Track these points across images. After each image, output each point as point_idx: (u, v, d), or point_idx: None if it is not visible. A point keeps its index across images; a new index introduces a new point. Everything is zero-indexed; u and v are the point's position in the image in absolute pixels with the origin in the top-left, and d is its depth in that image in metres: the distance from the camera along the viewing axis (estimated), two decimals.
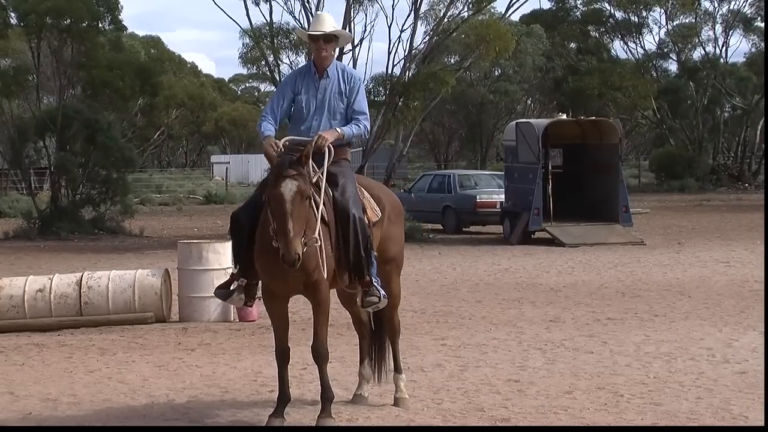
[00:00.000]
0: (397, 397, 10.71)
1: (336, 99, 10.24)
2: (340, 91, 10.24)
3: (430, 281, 22.97)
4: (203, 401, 11.36)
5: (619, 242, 31.12)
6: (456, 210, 37.34)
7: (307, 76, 10.36)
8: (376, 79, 39.93)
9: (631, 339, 14.93)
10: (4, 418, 10.80)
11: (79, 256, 29.62)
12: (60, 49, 40.71)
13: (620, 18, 68.48)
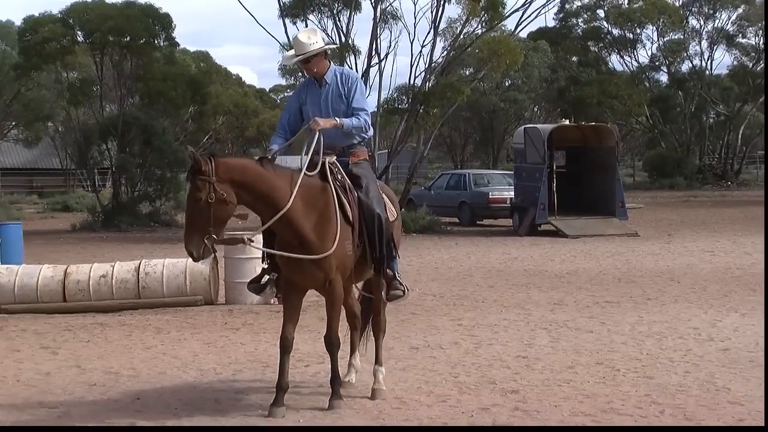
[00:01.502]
0: (374, 388, 10.10)
1: (336, 101, 9.91)
2: (339, 94, 9.92)
3: (447, 268, 22.97)
4: (246, 374, 11.38)
5: (615, 234, 31.09)
6: (471, 205, 37.38)
7: (310, 87, 10.13)
8: (400, 89, 39.97)
9: (627, 320, 14.90)
10: (73, 388, 10.84)
11: (137, 246, 29.71)
12: (120, 63, 40.91)
13: (617, 35, 68.34)
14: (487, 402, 9.80)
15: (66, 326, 15.17)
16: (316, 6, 38.31)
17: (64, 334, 14.50)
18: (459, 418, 9.17)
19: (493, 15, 37.56)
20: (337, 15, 37.98)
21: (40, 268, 17.29)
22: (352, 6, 37.84)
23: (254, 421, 9.22)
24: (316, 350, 12.70)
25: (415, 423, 9.04)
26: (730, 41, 68.32)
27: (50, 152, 72.16)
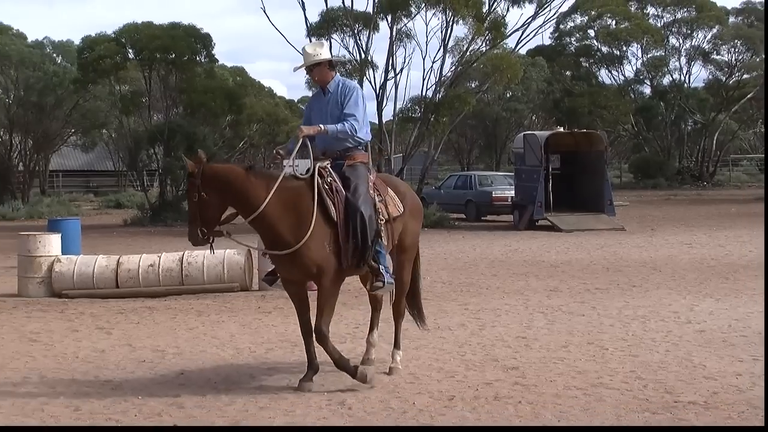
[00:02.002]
0: (391, 367, 10.08)
1: (335, 108, 9.70)
2: (337, 101, 9.71)
3: (455, 259, 22.96)
4: (277, 353, 11.39)
5: (604, 228, 31.03)
6: (476, 203, 37.37)
7: (317, 96, 10.09)
8: (413, 100, 40.01)
9: (614, 304, 14.87)
10: (125, 364, 10.87)
11: (181, 239, 29.57)
12: (166, 77, 41.04)
13: (605, 52, 68.23)
14: (490, 377, 9.80)
15: (118, 309, 15.21)
16: (339, 26, 38.35)
17: (116, 317, 14.54)
18: (465, 392, 9.17)
19: (496, 34, 37.60)
20: (357, 34, 38.03)
21: (96, 258, 17.34)
22: (371, 27, 37.87)
23: (285, 394, 9.22)
24: (339, 331, 12.71)
25: (426, 396, 9.03)
26: (706, 58, 68.27)
27: (104, 156, 72.32)
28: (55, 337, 12.77)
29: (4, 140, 51.76)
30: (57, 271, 16.98)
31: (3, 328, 13.58)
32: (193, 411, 8.65)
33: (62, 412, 8.68)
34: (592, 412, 8.40)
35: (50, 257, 17.15)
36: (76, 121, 53.51)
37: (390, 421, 8.23)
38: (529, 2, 37.97)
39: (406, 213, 10.08)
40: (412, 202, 10.36)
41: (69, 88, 47.32)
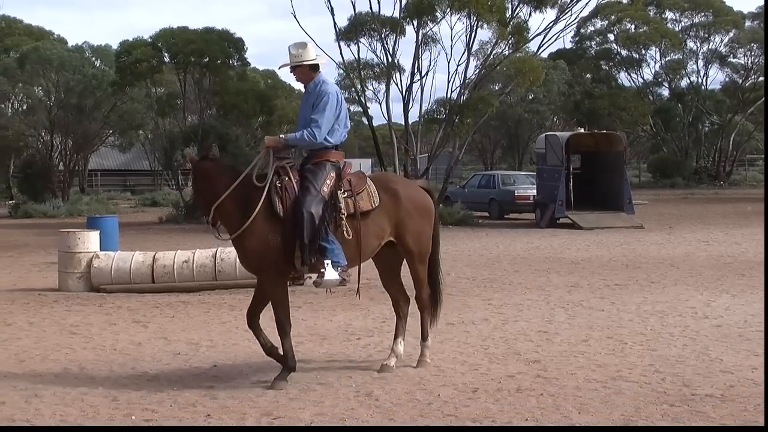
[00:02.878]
0: (420, 360, 10.05)
1: (308, 110, 9.66)
2: (311, 102, 9.66)
3: (479, 256, 22.93)
4: (307, 346, 11.41)
5: (623, 226, 30.94)
6: (499, 201, 37.33)
7: (304, 94, 10.06)
8: (438, 102, 39.98)
9: (633, 300, 14.83)
10: (161, 356, 10.91)
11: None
12: (200, 80, 41.13)
13: (625, 55, 68.09)
14: (513, 370, 9.78)
15: (154, 304, 15.27)
16: (367, 31, 38.31)
17: (152, 311, 14.60)
18: (489, 384, 9.16)
19: (519, 38, 37.45)
20: (384, 38, 37.97)
21: (133, 255, 17.41)
22: (398, 31, 37.81)
23: (314, 386, 9.24)
24: (366, 325, 12.74)
25: (450, 388, 9.03)
26: (723, 61, 68.05)
27: (141, 156, 72.59)
28: (94, 330, 12.84)
29: (45, 141, 52.00)
30: (96, 266, 17.07)
31: (44, 321, 13.68)
32: (226, 402, 8.67)
33: (101, 402, 8.72)
34: (612, 404, 8.38)
35: (89, 253, 17.24)
36: (113, 122, 53.71)
37: (415, 412, 8.23)
38: (551, 7, 37.79)
39: (400, 211, 9.82)
40: (412, 198, 10.01)
41: (107, 91, 47.49)
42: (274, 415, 8.19)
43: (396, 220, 9.86)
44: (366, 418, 8.08)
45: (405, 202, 9.92)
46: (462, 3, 35.30)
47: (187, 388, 9.24)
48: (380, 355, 10.61)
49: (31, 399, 8.85)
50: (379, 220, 9.76)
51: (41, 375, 9.92)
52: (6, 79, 50.17)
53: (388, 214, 9.80)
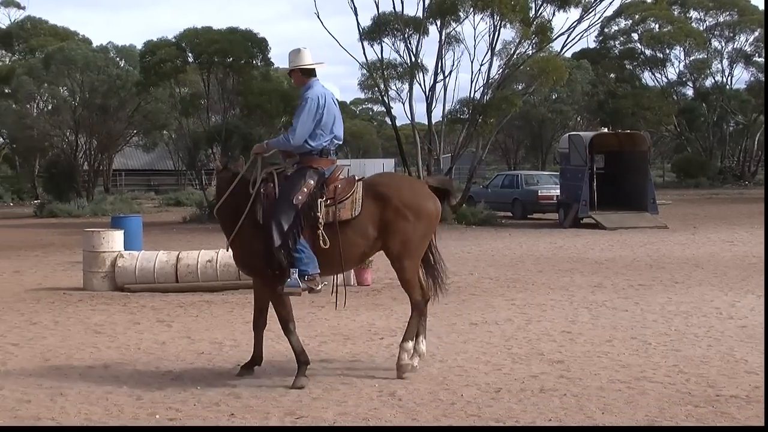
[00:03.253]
0: (398, 364, 9.61)
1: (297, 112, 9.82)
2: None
3: (502, 256, 22.89)
4: (330, 346, 11.41)
5: (647, 226, 30.85)
6: (522, 201, 37.31)
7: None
8: (462, 101, 39.92)
9: (657, 300, 14.77)
10: (185, 356, 10.95)
11: None
12: (224, 80, 41.25)
13: (649, 54, 67.92)
14: (536, 370, 9.76)
15: (178, 303, 15.32)
16: (391, 31, 38.37)
17: (176, 310, 14.64)
18: (512, 384, 9.14)
19: (542, 38, 37.43)
20: (408, 38, 38.02)
21: (157, 254, 17.46)
22: (421, 31, 37.84)
23: (337, 386, 9.24)
24: (389, 325, 12.74)
25: (474, 388, 9.02)
26: (748, 60, 67.81)
27: (165, 156, 72.84)
28: (118, 329, 12.89)
29: (70, 141, 52.27)
30: (120, 266, 17.13)
31: (69, 320, 13.74)
32: (249, 401, 8.69)
33: (125, 400, 8.75)
34: (636, 405, 8.35)
35: (113, 253, 17.31)
36: (137, 122, 53.94)
37: (438, 412, 8.22)
38: (575, 7, 37.74)
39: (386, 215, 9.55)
40: (405, 201, 9.63)
41: (131, 91, 47.70)
42: (297, 415, 8.20)
43: (382, 224, 9.60)
44: (389, 418, 8.08)
45: (394, 204, 9.61)
46: (485, 3, 35.31)
47: (210, 387, 9.26)
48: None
49: (56, 397, 8.89)
50: (363, 227, 9.57)
51: (66, 373, 9.97)
52: (32, 79, 50.45)
53: (372, 220, 9.58)
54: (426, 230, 9.79)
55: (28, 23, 65.34)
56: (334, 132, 9.76)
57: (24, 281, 18.90)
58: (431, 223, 9.84)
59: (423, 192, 9.91)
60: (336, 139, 9.80)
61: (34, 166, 61.82)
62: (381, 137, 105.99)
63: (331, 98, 9.86)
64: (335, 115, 9.79)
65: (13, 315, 14.32)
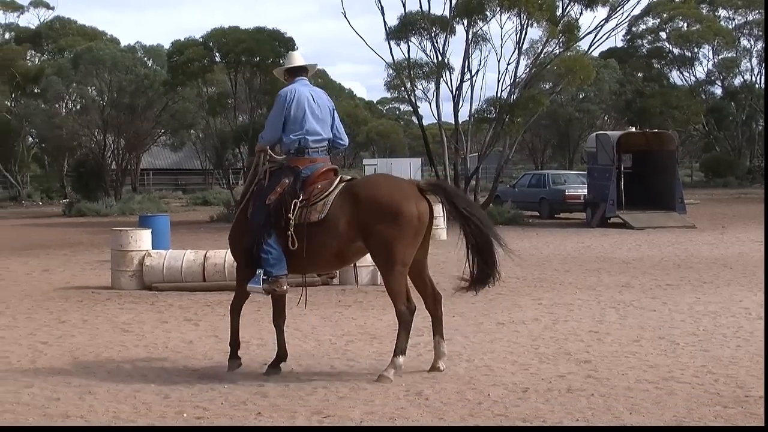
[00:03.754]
0: (381, 375, 9.38)
1: None
2: None
3: (529, 255, 22.81)
4: (357, 345, 11.43)
5: (675, 226, 30.72)
6: (550, 201, 37.22)
7: None
8: (488, 101, 39.84)
9: (685, 300, 14.71)
10: (212, 354, 10.99)
11: None
12: (251, 79, 41.28)
13: (677, 53, 67.60)
14: (563, 370, 9.74)
15: (205, 302, 15.37)
16: (417, 30, 38.30)
17: (204, 309, 14.69)
18: (539, 384, 9.12)
19: (570, 37, 37.28)
20: (435, 37, 37.95)
21: (184, 253, 17.53)
22: (448, 30, 37.78)
23: (365, 385, 9.25)
24: (416, 324, 12.69)
25: (500, 387, 9.00)
26: None
27: (192, 155, 73.07)
28: (146, 328, 12.95)
29: (98, 140, 52.52)
30: (147, 265, 17.21)
31: (98, 319, 13.81)
32: (276, 400, 8.71)
33: (153, 399, 8.79)
34: (664, 405, 8.31)
35: (141, 252, 17.38)
36: (165, 121, 54.15)
37: (465, 412, 8.21)
38: (602, 5, 37.56)
39: (356, 218, 9.35)
40: (376, 204, 9.35)
41: (159, 91, 47.89)
42: (324, 414, 8.21)
43: (360, 226, 9.37)
44: (416, 418, 8.07)
45: (369, 205, 9.36)
46: (512, 2, 35.20)
47: (237, 386, 9.29)
48: (430, 354, 10.58)
49: (84, 395, 8.94)
50: (334, 229, 9.41)
51: (95, 372, 10.03)
52: (60, 79, 50.73)
53: (349, 222, 9.37)
54: (407, 234, 9.32)
55: (57, 23, 65.71)
56: (304, 127, 9.73)
57: (53, 280, 19.02)
58: (412, 227, 9.34)
59: (404, 193, 9.47)
60: (309, 134, 9.74)
61: (63, 165, 62.17)
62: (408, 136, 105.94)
63: (305, 94, 9.88)
64: (305, 110, 9.76)
65: (42, 313, 14.42)
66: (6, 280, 19.19)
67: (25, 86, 59.30)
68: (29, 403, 8.70)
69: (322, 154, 9.87)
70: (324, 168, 9.79)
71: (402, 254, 9.34)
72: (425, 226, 9.52)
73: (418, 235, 9.46)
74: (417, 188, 9.62)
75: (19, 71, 58.93)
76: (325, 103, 10.05)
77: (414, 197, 9.45)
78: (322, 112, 9.91)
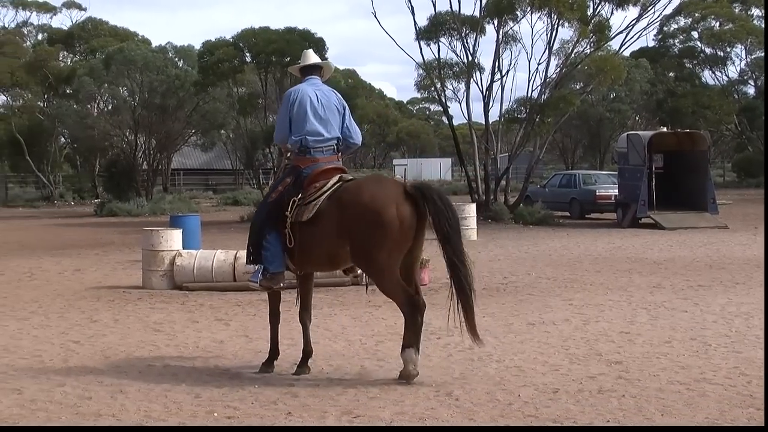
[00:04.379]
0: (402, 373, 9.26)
1: None
2: None
3: (560, 256, 22.78)
4: (387, 345, 11.42)
5: (707, 226, 30.57)
6: (580, 201, 37.15)
7: None
8: (519, 101, 39.80)
9: (718, 301, 14.62)
10: (242, 354, 11.02)
11: None
12: (281, 80, 41.40)
13: (709, 53, 67.17)
14: (594, 371, 9.70)
15: (236, 302, 15.41)
16: (447, 30, 38.31)
17: (234, 309, 14.74)
18: (570, 385, 9.09)
19: (600, 37, 37.18)
20: (465, 37, 37.95)
21: (215, 253, 17.59)
22: (478, 30, 37.76)
23: (395, 385, 9.24)
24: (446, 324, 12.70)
25: (531, 388, 8.98)
26: None
27: (223, 155, 73.36)
28: (177, 328, 13.01)
29: (129, 140, 52.78)
30: (178, 264, 17.28)
31: (129, 319, 13.89)
32: (306, 400, 8.72)
33: (184, 398, 8.83)
34: (696, 407, 8.27)
35: (172, 252, 17.46)
36: (196, 121, 54.34)
37: (496, 412, 8.20)
38: (633, 5, 37.43)
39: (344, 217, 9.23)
40: (358, 207, 9.18)
41: (190, 91, 48.06)
42: (354, 414, 8.22)
43: (345, 229, 9.26)
44: (446, 418, 8.07)
45: (351, 208, 9.22)
46: (543, 1, 35.17)
47: (268, 385, 9.31)
48: (460, 354, 10.61)
49: (116, 395, 8.99)
50: (323, 230, 9.36)
51: (126, 371, 10.08)
52: (92, 79, 51.01)
53: (335, 224, 9.31)
54: (389, 238, 9.07)
55: (89, 24, 66.12)
56: (305, 128, 9.75)
57: (85, 279, 19.14)
58: (393, 231, 9.05)
59: (386, 197, 9.19)
60: (309, 135, 9.73)
61: (95, 165, 62.57)
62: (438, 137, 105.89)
63: (308, 94, 9.88)
64: (306, 111, 9.76)
65: (74, 313, 14.52)
66: (39, 279, 19.34)
67: (57, 87, 59.76)
68: (62, 402, 8.76)
69: (327, 154, 9.82)
70: (325, 167, 9.74)
71: (385, 260, 9.14)
72: (410, 230, 9.17)
73: (402, 239, 9.15)
74: (403, 191, 9.27)
75: (52, 72, 59.41)
76: (332, 103, 10.01)
77: (396, 200, 9.14)
78: (327, 112, 9.88)
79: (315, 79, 10.19)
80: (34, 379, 9.66)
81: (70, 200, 61.12)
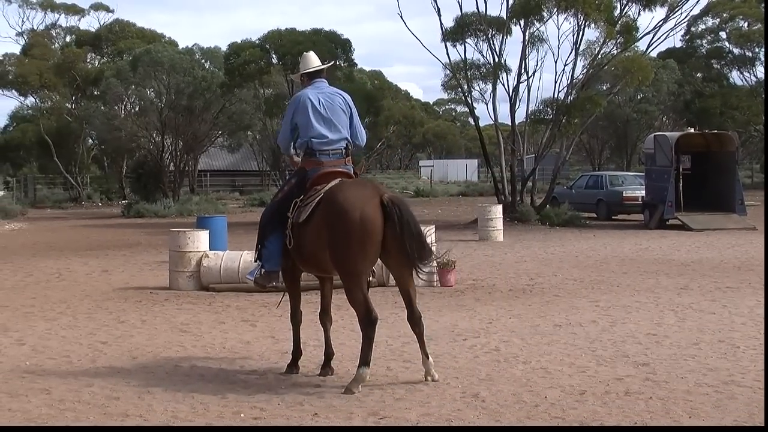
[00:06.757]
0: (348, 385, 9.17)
1: None
2: None
3: (586, 257, 22.72)
4: (413, 346, 11.32)
5: (735, 228, 30.42)
6: (607, 202, 37.07)
7: None
8: (545, 102, 39.68)
9: (746, 303, 14.54)
10: (269, 355, 11.04)
11: None
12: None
13: (737, 53, 66.84)
14: (621, 373, 9.67)
15: (262, 303, 15.45)
16: (473, 31, 38.27)
17: (261, 310, 14.77)
18: (596, 387, 9.06)
19: (627, 38, 37.04)
20: (491, 39, 37.89)
21: (241, 254, 17.63)
22: (504, 31, 37.70)
23: (421, 386, 9.25)
24: (472, 326, 12.72)
25: (557, 390, 8.96)
26: None
27: (249, 156, 73.58)
28: (204, 329, 13.05)
29: (156, 142, 52.98)
30: (205, 265, 17.34)
31: (156, 319, 13.95)
32: (332, 401, 8.73)
33: (210, 399, 8.85)
34: (724, 410, 8.22)
35: (199, 253, 17.52)
36: (222, 123, 54.52)
37: (522, 414, 8.18)
38: (660, 6, 37.28)
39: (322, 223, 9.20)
40: (333, 209, 9.13)
41: (216, 92, 48.24)
42: (380, 415, 8.23)
43: (321, 229, 9.23)
44: (472, 419, 8.06)
45: (326, 212, 9.19)
46: (569, 2, 35.02)
47: (294, 386, 9.33)
48: (487, 356, 10.59)
49: (143, 395, 9.03)
50: (311, 233, 9.35)
51: (153, 371, 10.12)
52: (119, 81, 51.26)
53: (318, 225, 9.27)
54: (352, 242, 8.97)
55: (116, 26, 66.47)
56: (308, 132, 9.78)
57: (112, 280, 19.24)
58: (355, 234, 8.95)
59: (355, 200, 9.07)
60: (314, 138, 9.74)
61: (122, 166, 62.87)
62: (464, 138, 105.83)
63: (311, 99, 9.95)
64: (309, 115, 9.81)
65: (102, 313, 14.59)
66: (67, 280, 19.45)
67: (85, 88, 60.16)
68: (90, 402, 8.81)
69: (333, 158, 9.78)
70: (328, 170, 9.69)
71: (352, 264, 9.08)
72: (373, 234, 9.00)
73: (366, 243, 9.00)
74: (378, 195, 9.15)
75: (80, 74, 59.81)
76: (337, 105, 10.01)
77: (362, 204, 9.01)
78: (330, 113, 9.90)
79: (320, 82, 10.28)
80: (63, 380, 9.73)
81: (97, 201, 61.46)
